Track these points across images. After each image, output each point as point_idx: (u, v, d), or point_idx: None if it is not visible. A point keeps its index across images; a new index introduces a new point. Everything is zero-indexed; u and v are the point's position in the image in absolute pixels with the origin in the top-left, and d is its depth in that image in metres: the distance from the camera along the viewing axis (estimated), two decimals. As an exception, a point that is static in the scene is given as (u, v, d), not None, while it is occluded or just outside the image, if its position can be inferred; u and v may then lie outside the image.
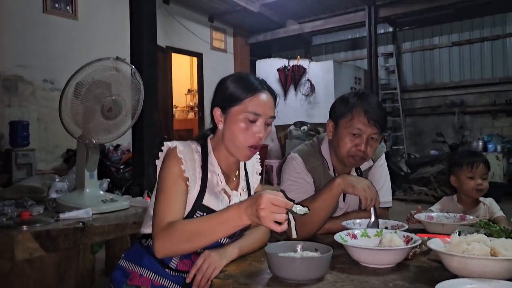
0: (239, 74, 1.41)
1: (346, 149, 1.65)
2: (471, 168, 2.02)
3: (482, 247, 1.10)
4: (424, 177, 7.17)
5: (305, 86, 8.95)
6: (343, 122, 1.66)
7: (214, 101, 1.39)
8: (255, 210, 1.12)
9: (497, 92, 8.77)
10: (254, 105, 1.31)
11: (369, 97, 1.67)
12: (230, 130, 1.33)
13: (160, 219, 1.26)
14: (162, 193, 1.30)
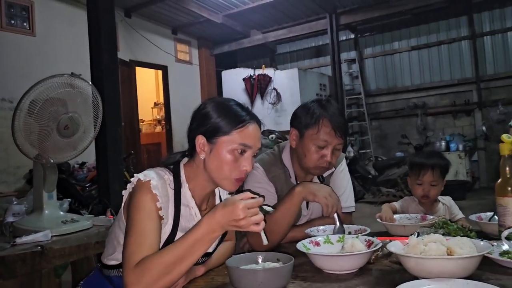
0: (221, 102, 1.33)
1: (313, 161, 1.66)
2: (418, 176, 2.01)
3: (439, 247, 1.11)
4: (391, 179, 7.33)
5: (271, 94, 9.00)
6: (310, 134, 1.65)
7: (196, 128, 1.29)
8: (231, 221, 1.09)
9: (456, 93, 9.07)
10: (244, 137, 1.26)
11: (332, 106, 1.68)
12: (217, 162, 1.26)
13: (132, 260, 1.12)
14: (133, 231, 1.17)
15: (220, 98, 1.36)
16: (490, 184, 8.21)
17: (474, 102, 8.83)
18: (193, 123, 1.32)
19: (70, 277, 3.03)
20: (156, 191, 1.21)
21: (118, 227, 1.33)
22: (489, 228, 1.57)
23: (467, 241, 1.14)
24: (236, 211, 1.09)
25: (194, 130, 1.30)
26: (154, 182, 1.22)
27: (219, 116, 1.27)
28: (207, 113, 1.29)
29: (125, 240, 1.17)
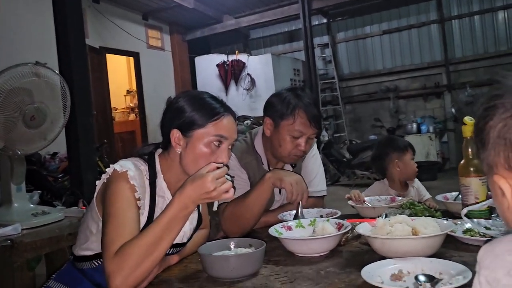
0: (194, 95, 1.32)
1: (288, 151, 1.67)
2: (413, 152, 2.15)
3: (404, 227, 1.15)
4: (365, 161, 7.44)
5: (245, 80, 8.97)
6: (285, 124, 1.66)
7: (170, 122, 1.28)
8: (202, 194, 1.11)
9: (426, 76, 9.25)
10: (219, 129, 1.25)
11: (306, 95, 1.70)
12: (193, 155, 1.25)
13: (112, 249, 1.10)
14: (112, 220, 1.15)
15: (193, 92, 1.35)
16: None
17: (444, 85, 9.03)
18: (166, 117, 1.31)
19: (44, 270, 2.99)
20: (133, 181, 1.20)
21: (90, 218, 1.31)
22: (455, 207, 1.62)
23: (431, 221, 1.18)
24: (206, 183, 1.10)
25: (168, 124, 1.29)
26: (131, 173, 1.21)
27: (193, 110, 1.26)
28: (181, 107, 1.28)
29: (104, 230, 1.16)
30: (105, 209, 1.19)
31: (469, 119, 1.42)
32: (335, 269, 1.14)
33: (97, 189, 1.28)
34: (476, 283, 0.55)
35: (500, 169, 0.61)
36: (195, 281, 1.13)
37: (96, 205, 1.29)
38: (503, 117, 0.60)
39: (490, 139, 0.62)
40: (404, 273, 1.01)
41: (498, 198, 0.63)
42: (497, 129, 0.61)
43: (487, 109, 0.63)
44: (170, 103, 1.31)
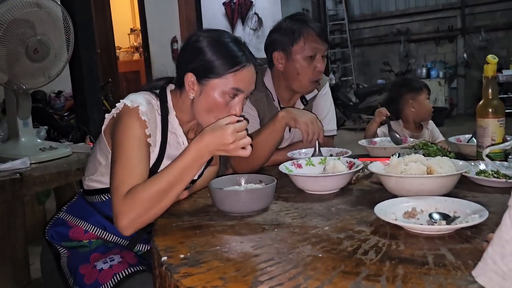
0: (217, 37, 1.22)
1: (308, 76, 1.65)
2: (429, 92, 2.10)
3: (419, 166, 1.13)
4: (372, 105, 7.38)
5: (252, 20, 8.70)
6: (297, 49, 1.64)
7: (187, 63, 1.21)
8: (220, 145, 1.07)
9: (440, 19, 8.92)
10: (238, 81, 1.19)
11: (307, 17, 1.69)
12: (206, 104, 1.20)
13: (122, 190, 1.08)
14: (122, 159, 1.11)
15: (215, 33, 1.24)
16: (467, 110, 8.38)
17: (458, 28, 8.74)
18: (183, 55, 1.24)
19: (54, 205, 3.06)
20: (144, 117, 1.16)
21: (99, 150, 1.30)
22: (467, 149, 1.60)
23: (446, 160, 1.16)
24: (226, 135, 1.06)
25: (184, 65, 1.22)
26: (143, 108, 1.17)
27: (214, 54, 1.19)
28: (201, 49, 1.20)
29: (113, 169, 1.13)
30: (114, 146, 1.15)
31: (492, 57, 1.35)
32: (346, 206, 1.13)
33: (105, 123, 1.25)
34: (506, 217, 0.53)
35: None
36: (205, 215, 1.13)
37: (105, 138, 1.26)
38: None
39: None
40: (418, 211, 1.00)
41: None
42: None
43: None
44: (189, 40, 1.23)
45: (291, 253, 0.84)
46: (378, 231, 0.94)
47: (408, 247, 0.84)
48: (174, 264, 0.82)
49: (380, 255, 0.81)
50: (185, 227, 1.04)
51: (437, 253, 0.80)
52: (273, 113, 1.70)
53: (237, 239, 0.95)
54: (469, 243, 0.84)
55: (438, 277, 0.71)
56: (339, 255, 0.82)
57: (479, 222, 0.88)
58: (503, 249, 0.53)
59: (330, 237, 0.92)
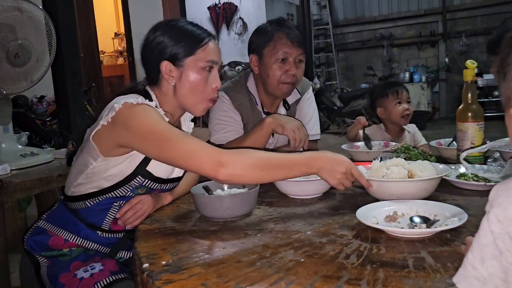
0: (173, 25, 1.27)
1: (277, 78, 1.64)
2: (397, 95, 2.10)
3: (400, 170, 1.14)
4: (356, 110, 7.43)
5: (237, 24, 8.70)
6: (267, 51, 1.64)
7: (156, 57, 1.23)
8: (331, 169, 1.09)
9: (422, 24, 9.06)
10: (209, 54, 1.24)
11: (285, 21, 1.69)
12: (189, 84, 1.23)
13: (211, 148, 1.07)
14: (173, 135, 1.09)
15: (168, 22, 1.29)
16: (449, 114, 8.51)
17: (439, 33, 8.87)
18: (147, 53, 1.27)
19: (35, 212, 3.00)
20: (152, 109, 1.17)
21: (87, 156, 1.23)
22: (448, 153, 1.62)
23: (427, 164, 1.17)
24: (344, 164, 1.09)
25: (154, 59, 1.25)
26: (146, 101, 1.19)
27: (178, 39, 1.23)
28: (163, 41, 1.24)
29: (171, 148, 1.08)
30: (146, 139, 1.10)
31: (471, 62, 1.38)
32: (328, 211, 1.14)
33: (96, 128, 1.18)
34: (484, 221, 0.54)
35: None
36: (188, 221, 1.12)
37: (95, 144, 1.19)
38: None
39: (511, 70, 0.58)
40: (399, 214, 1.01)
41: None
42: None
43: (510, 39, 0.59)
44: (148, 40, 1.27)
45: (274, 258, 0.84)
46: (359, 235, 0.94)
47: (389, 250, 0.85)
48: (156, 271, 0.81)
49: (362, 259, 0.82)
50: (167, 233, 1.03)
51: (417, 256, 0.81)
52: (257, 118, 1.71)
53: (219, 245, 0.95)
54: (448, 246, 0.86)
55: (418, 280, 0.72)
56: (321, 259, 0.82)
57: (459, 225, 0.89)
58: (482, 253, 0.54)
59: (312, 242, 0.92)
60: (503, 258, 0.51)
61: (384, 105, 2.11)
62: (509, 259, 0.51)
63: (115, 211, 1.27)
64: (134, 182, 1.24)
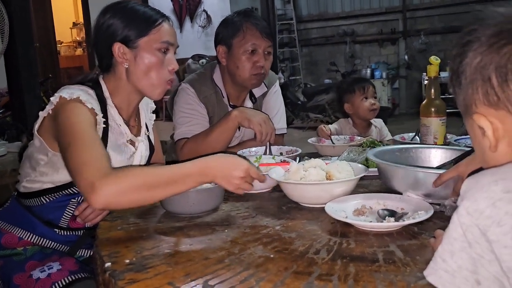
0: (123, 6, 1.23)
1: (247, 70, 1.62)
2: (363, 90, 2.12)
3: (318, 172, 1.11)
4: (320, 104, 7.53)
5: (201, 17, 8.60)
6: (237, 42, 1.61)
7: (108, 40, 1.19)
8: (227, 175, 0.99)
9: (383, 21, 9.25)
10: (163, 35, 1.21)
11: (252, 12, 1.68)
12: (143, 66, 1.19)
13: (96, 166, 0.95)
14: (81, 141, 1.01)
15: (117, 3, 1.25)
16: (409, 110, 8.76)
17: (400, 31, 9.09)
18: (99, 37, 1.22)
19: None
20: (90, 105, 1.12)
21: (35, 149, 1.20)
22: (411, 147, 1.65)
23: (345, 165, 1.14)
24: (240, 168, 0.99)
25: (106, 42, 1.20)
26: (84, 98, 1.12)
27: (130, 20, 1.20)
28: (113, 23, 1.20)
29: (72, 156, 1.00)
30: (63, 138, 1.05)
31: (435, 58, 1.40)
32: (296, 205, 1.12)
33: (39, 121, 1.17)
34: (454, 214, 0.54)
35: (479, 106, 0.58)
36: (153, 217, 1.08)
37: (41, 137, 1.18)
38: (479, 51, 0.57)
39: (467, 77, 0.59)
40: (367, 208, 1.01)
41: (478, 139, 0.61)
42: (474, 65, 0.58)
43: (462, 46, 0.60)
44: (98, 23, 1.23)
45: (242, 255, 0.82)
46: (329, 229, 0.94)
47: (358, 244, 0.84)
48: (118, 270, 0.77)
49: (332, 253, 0.81)
50: (131, 230, 0.99)
51: (387, 250, 0.81)
52: (223, 111, 1.68)
53: (186, 241, 0.92)
54: (416, 239, 0.86)
55: (389, 274, 0.71)
56: (291, 255, 0.81)
57: (425, 218, 0.90)
58: (452, 246, 0.54)
59: (281, 237, 0.91)
60: (472, 250, 0.52)
61: (351, 101, 2.14)
62: (477, 251, 0.51)
63: (73, 208, 1.21)
64: None
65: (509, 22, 0.56)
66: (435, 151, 1.25)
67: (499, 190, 0.51)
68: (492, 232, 0.50)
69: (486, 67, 0.56)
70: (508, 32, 0.55)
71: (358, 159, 1.35)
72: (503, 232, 0.49)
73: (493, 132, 0.57)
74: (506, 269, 0.49)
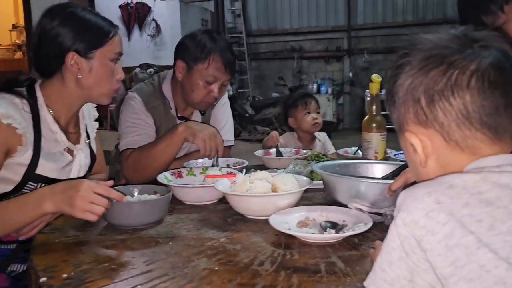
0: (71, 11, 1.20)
1: (200, 97, 1.61)
2: (306, 105, 2.18)
3: (264, 184, 1.12)
4: (267, 118, 7.63)
5: (150, 26, 8.48)
6: (199, 69, 1.58)
7: (59, 47, 1.16)
8: (69, 196, 0.95)
9: (329, 39, 9.60)
10: (117, 46, 1.24)
11: (222, 40, 1.64)
12: (97, 76, 1.21)
13: None
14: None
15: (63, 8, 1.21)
16: (352, 125, 9.09)
17: (344, 49, 9.47)
18: (45, 44, 1.18)
19: None
20: (6, 120, 1.07)
21: None
22: (354, 161, 1.71)
23: (290, 177, 1.17)
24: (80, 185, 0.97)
25: (55, 50, 1.17)
26: (2, 110, 1.08)
27: (84, 31, 1.18)
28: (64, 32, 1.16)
29: None
30: None
31: (376, 76, 1.47)
32: (242, 217, 1.13)
33: None
34: (392, 226, 0.57)
35: (410, 125, 0.62)
36: (93, 229, 1.04)
37: None
38: (410, 74, 0.61)
39: (400, 97, 0.63)
40: (310, 220, 1.03)
41: (410, 156, 0.65)
42: (405, 86, 0.62)
43: (395, 68, 0.64)
44: (44, 29, 1.18)
45: (186, 267, 0.81)
46: (273, 241, 0.95)
47: (301, 256, 0.86)
48: (55, 285, 0.74)
49: (276, 265, 0.82)
50: (70, 243, 0.95)
51: (329, 261, 0.83)
52: (171, 122, 1.66)
53: (128, 254, 0.89)
54: (356, 250, 0.89)
55: (330, 284, 0.73)
56: (236, 267, 0.81)
57: (365, 230, 0.93)
58: (390, 256, 0.56)
59: (226, 249, 0.90)
60: (409, 260, 0.54)
61: (294, 115, 2.20)
62: (414, 260, 0.54)
63: None
64: (26, 189, 1.15)
65: (437, 48, 0.60)
66: (374, 166, 1.31)
67: (431, 201, 0.54)
68: (426, 241, 0.53)
69: (416, 88, 0.60)
70: (436, 57, 0.60)
71: (303, 172, 1.38)
72: (436, 241, 0.52)
73: (423, 149, 0.61)
74: (440, 276, 0.52)
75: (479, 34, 0.61)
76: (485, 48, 0.59)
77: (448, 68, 0.58)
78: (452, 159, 0.60)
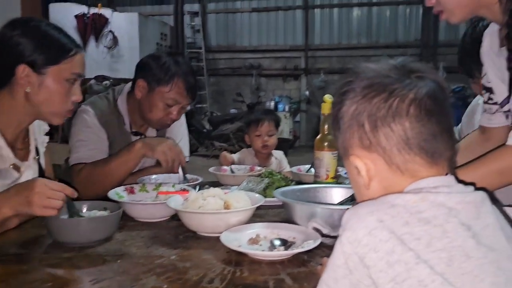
0: (34, 24, 1.18)
1: (158, 117, 1.61)
2: (257, 126, 2.18)
3: (217, 201, 1.13)
4: (225, 133, 7.64)
5: (107, 38, 8.32)
6: (161, 91, 1.58)
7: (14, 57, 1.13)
8: (25, 196, 0.95)
9: (287, 58, 9.81)
10: (75, 66, 1.19)
11: (185, 64, 1.64)
12: (47, 94, 1.16)
13: None
14: None
15: (27, 21, 1.19)
16: (308, 143, 9.26)
17: (302, 68, 9.70)
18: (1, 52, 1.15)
19: None
20: None
21: None
22: (307, 179, 1.75)
23: (243, 194, 1.19)
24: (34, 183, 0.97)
25: (9, 60, 1.14)
26: None
27: (42, 44, 1.15)
28: (22, 43, 1.13)
29: None
30: None
31: (329, 97, 1.52)
32: (194, 234, 1.12)
33: None
34: (337, 244, 0.59)
35: (355, 149, 0.66)
36: (38, 247, 1.01)
37: None
38: (354, 100, 0.65)
39: (345, 122, 0.66)
40: (261, 237, 1.04)
41: (354, 178, 0.68)
42: (350, 113, 0.65)
43: (340, 95, 0.67)
44: (3, 37, 1.15)
45: (134, 286, 0.80)
46: (224, 258, 0.95)
47: (251, 273, 0.87)
48: (-8, 307, 0.70)
49: (225, 282, 0.82)
50: (10, 262, 0.91)
51: (278, 278, 0.85)
52: (124, 138, 1.64)
53: (73, 274, 0.87)
54: (305, 266, 0.91)
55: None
56: (185, 285, 0.81)
57: (313, 247, 0.95)
58: (335, 273, 0.58)
59: (176, 267, 0.90)
60: (353, 277, 0.57)
61: (248, 133, 2.22)
62: (357, 277, 0.56)
63: None
64: None
65: (378, 77, 0.64)
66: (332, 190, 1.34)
67: (374, 220, 0.57)
68: (369, 258, 0.55)
69: (360, 114, 0.64)
70: (378, 85, 0.63)
71: (256, 189, 1.39)
72: (378, 258, 0.55)
73: (367, 172, 0.65)
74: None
75: (415, 65, 0.65)
76: (421, 79, 0.63)
77: (389, 96, 0.62)
78: (394, 181, 0.64)
